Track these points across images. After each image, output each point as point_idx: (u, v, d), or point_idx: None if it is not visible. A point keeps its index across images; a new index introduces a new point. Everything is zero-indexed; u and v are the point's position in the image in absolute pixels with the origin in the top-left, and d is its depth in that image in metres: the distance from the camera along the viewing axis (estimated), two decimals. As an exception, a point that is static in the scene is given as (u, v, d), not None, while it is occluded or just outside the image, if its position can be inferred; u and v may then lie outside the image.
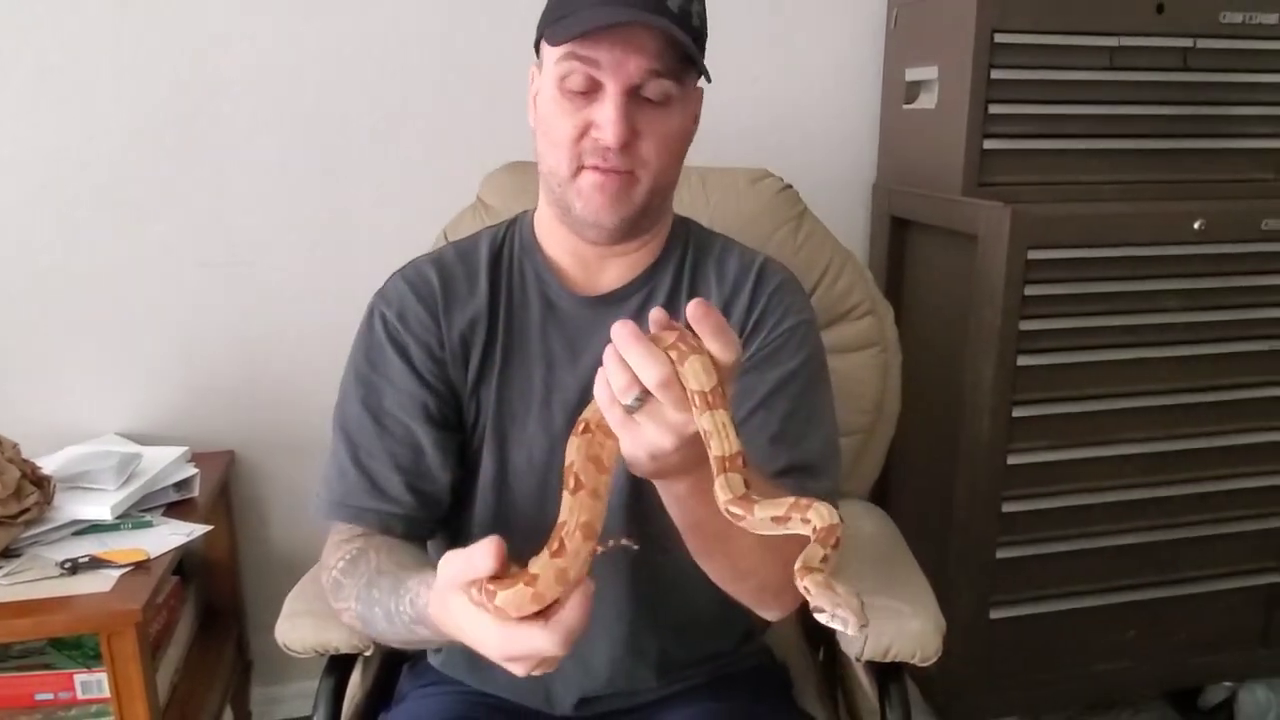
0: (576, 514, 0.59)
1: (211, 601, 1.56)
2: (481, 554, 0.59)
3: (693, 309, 0.58)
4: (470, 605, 0.61)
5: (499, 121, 1.51)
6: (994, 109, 1.39)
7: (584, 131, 0.79)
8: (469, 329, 0.89)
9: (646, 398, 0.58)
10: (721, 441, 0.58)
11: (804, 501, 0.58)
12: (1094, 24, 1.39)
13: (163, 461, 1.35)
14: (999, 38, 1.36)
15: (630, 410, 0.59)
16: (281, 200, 1.49)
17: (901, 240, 1.64)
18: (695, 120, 0.87)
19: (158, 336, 1.50)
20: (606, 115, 0.77)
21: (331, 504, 0.87)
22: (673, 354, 0.57)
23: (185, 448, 1.40)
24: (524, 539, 0.62)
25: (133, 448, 1.40)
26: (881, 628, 0.94)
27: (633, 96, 0.78)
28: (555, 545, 0.59)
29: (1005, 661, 1.50)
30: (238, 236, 1.49)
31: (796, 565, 0.55)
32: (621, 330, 0.58)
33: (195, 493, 1.36)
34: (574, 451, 0.62)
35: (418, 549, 0.87)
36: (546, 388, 0.88)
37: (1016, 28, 1.36)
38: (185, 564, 1.49)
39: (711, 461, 0.59)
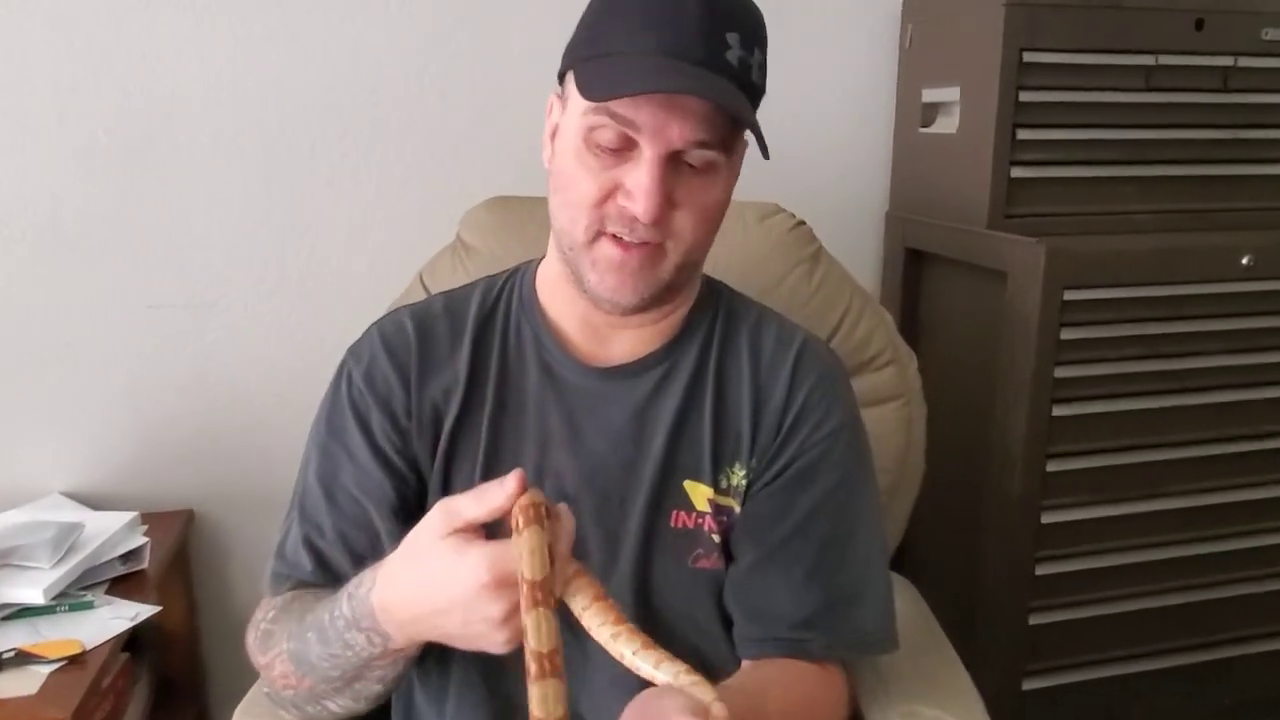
0: None
1: (169, 675, 1.42)
2: (499, 488, 0.56)
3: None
4: (455, 545, 0.55)
5: (482, 152, 1.39)
6: (1022, 134, 1.28)
7: (610, 194, 0.67)
8: (442, 397, 0.77)
9: None
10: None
11: None
12: (1129, 41, 1.28)
13: (108, 530, 1.21)
14: (1028, 56, 1.25)
15: None
16: (243, 235, 1.36)
17: (917, 274, 1.53)
18: (736, 177, 0.75)
19: (107, 386, 1.36)
20: (639, 183, 0.65)
21: (278, 576, 0.76)
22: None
23: (134, 513, 1.27)
24: (518, 651, 0.54)
25: (75, 515, 1.26)
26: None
27: (672, 161, 0.66)
28: None
29: (1038, 734, 1.38)
30: (194, 275, 1.36)
31: None
32: None
33: (145, 564, 1.23)
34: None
35: None
36: (539, 472, 0.76)
37: (1046, 46, 1.25)
38: (139, 634, 1.35)
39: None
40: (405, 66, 1.35)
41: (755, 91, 0.70)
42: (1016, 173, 1.29)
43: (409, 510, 0.76)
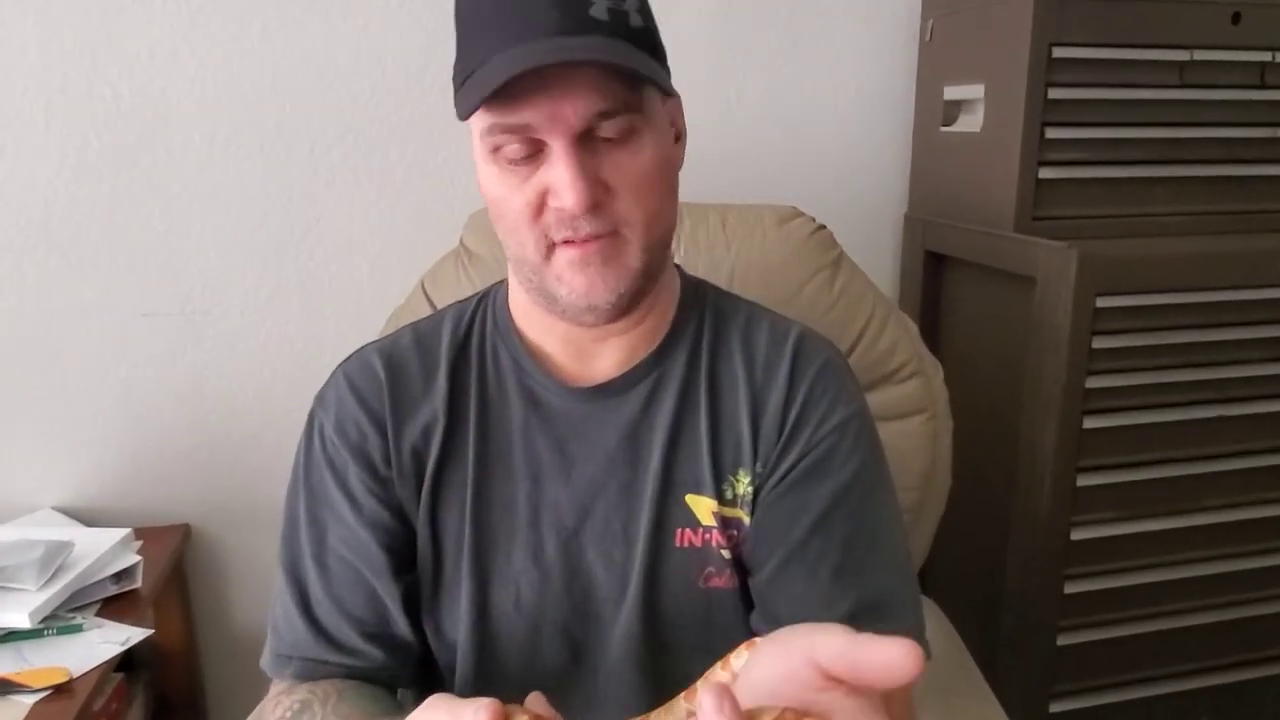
0: None
1: (166, 695, 1.38)
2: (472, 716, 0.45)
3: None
4: None
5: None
6: (1051, 133, 1.22)
7: (541, 202, 0.62)
8: (421, 439, 0.72)
9: None
10: None
11: None
12: (1163, 36, 1.22)
13: (100, 548, 1.16)
14: (1057, 51, 1.19)
15: None
16: (239, 240, 1.31)
17: (938, 278, 1.47)
18: (678, 136, 0.70)
19: (100, 397, 1.32)
20: (559, 178, 0.60)
21: (279, 657, 0.71)
22: None
23: (127, 530, 1.22)
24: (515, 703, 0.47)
25: (65, 532, 1.22)
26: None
27: (586, 141, 0.61)
28: None
29: (1066, 758, 1.32)
30: (190, 281, 1.31)
31: None
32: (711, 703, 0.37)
33: (138, 583, 1.18)
34: None
35: (379, 692, 0.71)
36: (533, 506, 0.71)
37: (1077, 40, 1.19)
38: (134, 653, 1.31)
39: None
40: (407, 65, 1.30)
41: (641, 37, 0.63)
42: (1045, 173, 1.23)
43: (401, 563, 0.72)
